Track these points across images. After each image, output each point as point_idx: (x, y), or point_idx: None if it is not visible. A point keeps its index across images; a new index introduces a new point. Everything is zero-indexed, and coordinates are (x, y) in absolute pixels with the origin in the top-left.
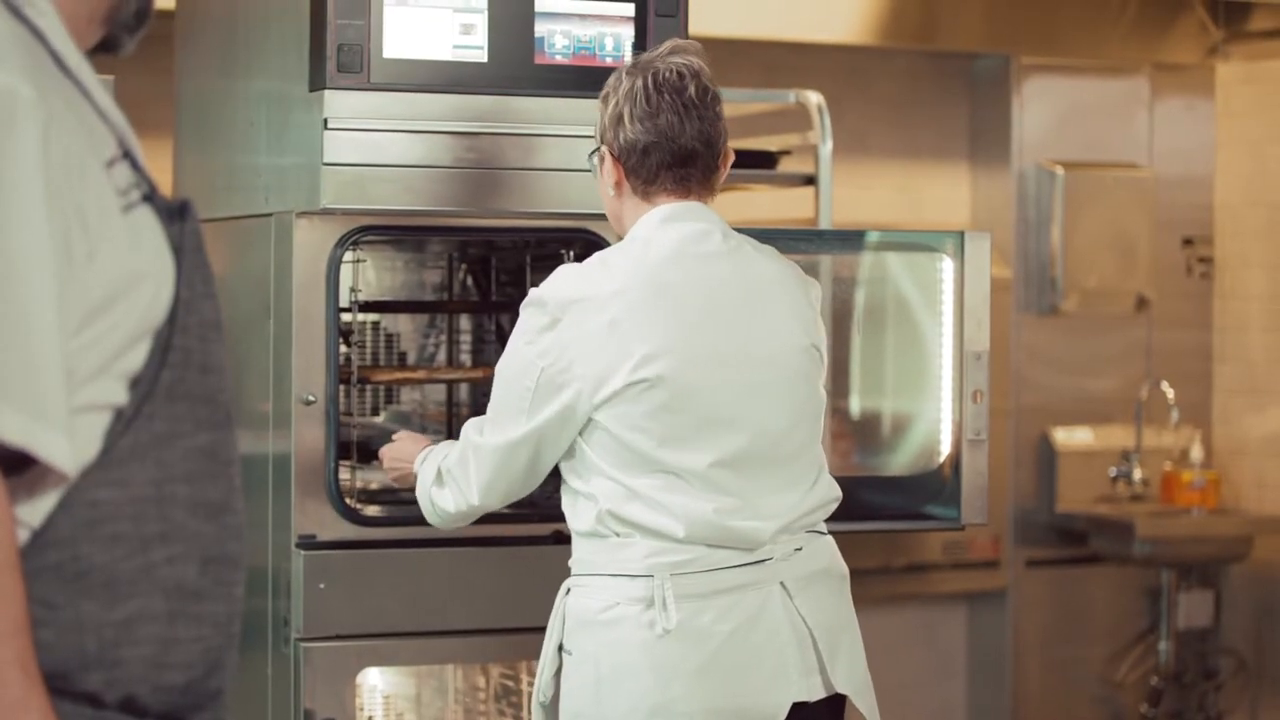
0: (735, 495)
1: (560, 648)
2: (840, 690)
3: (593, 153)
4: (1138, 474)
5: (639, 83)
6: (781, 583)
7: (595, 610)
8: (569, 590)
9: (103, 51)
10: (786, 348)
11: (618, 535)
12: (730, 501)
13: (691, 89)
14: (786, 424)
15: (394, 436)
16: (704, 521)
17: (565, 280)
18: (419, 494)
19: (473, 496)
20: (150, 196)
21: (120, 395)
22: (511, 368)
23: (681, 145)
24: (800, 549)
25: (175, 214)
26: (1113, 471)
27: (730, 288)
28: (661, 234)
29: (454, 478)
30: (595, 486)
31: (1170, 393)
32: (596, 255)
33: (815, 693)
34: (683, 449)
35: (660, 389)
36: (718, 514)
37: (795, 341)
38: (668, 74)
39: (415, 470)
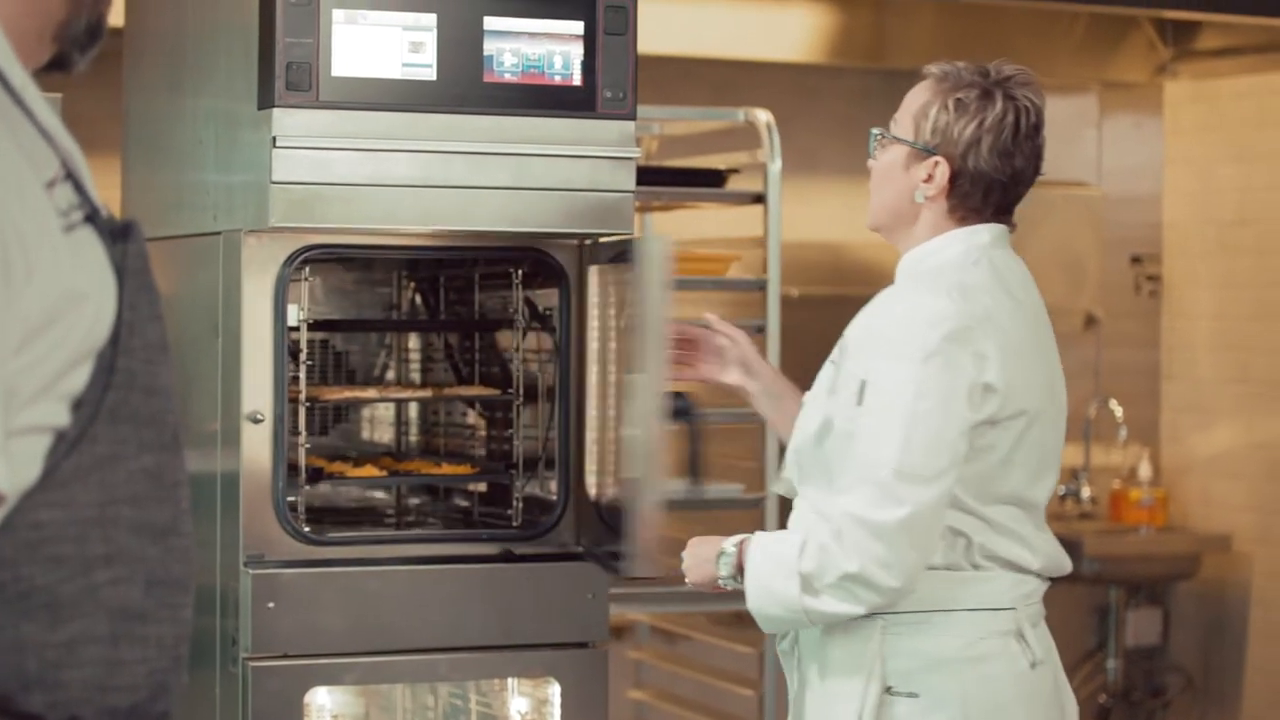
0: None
1: (888, 690)
2: None
3: (900, 140)
4: (1086, 492)
5: (1009, 117)
6: None
7: (957, 648)
8: (885, 629)
9: (55, 69)
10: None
11: (976, 569)
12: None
13: (1040, 134)
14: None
15: (690, 542)
16: (1051, 553)
17: (949, 302)
18: (769, 610)
19: (909, 577)
20: (93, 217)
21: (62, 417)
22: (929, 397)
23: (1020, 192)
24: None
25: (118, 235)
26: (1061, 489)
27: (1042, 318)
28: (999, 257)
29: (869, 577)
30: (953, 518)
31: (1118, 411)
32: (947, 276)
33: None
34: (1033, 481)
35: (1023, 419)
36: (1052, 544)
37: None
38: (1027, 113)
39: (720, 575)
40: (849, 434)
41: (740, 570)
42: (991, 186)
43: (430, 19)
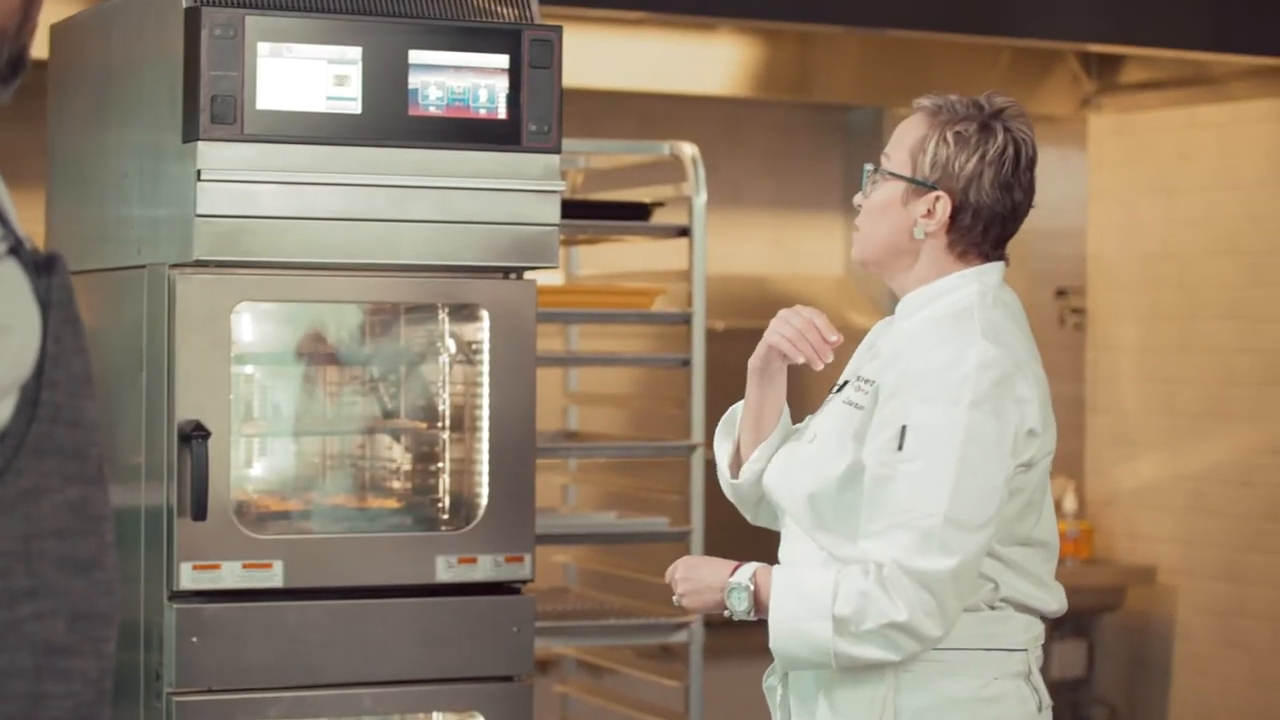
0: None
1: None
2: None
3: (897, 176)
4: None
5: (1009, 150)
6: None
7: (974, 688)
8: (899, 669)
9: None
10: None
11: (992, 609)
12: None
13: (1034, 166)
14: None
15: (683, 563)
16: (1061, 596)
17: (994, 348)
18: (793, 651)
19: (951, 625)
20: (17, 250)
21: None
22: (980, 444)
23: (1017, 226)
24: None
25: (43, 268)
26: None
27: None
28: (1006, 296)
29: (916, 626)
30: (983, 563)
31: None
32: (975, 318)
33: None
34: (1045, 520)
35: (1048, 459)
36: (1060, 586)
37: None
38: (1025, 145)
39: (736, 610)
40: (884, 479)
41: (757, 605)
42: (992, 220)
43: (355, 52)
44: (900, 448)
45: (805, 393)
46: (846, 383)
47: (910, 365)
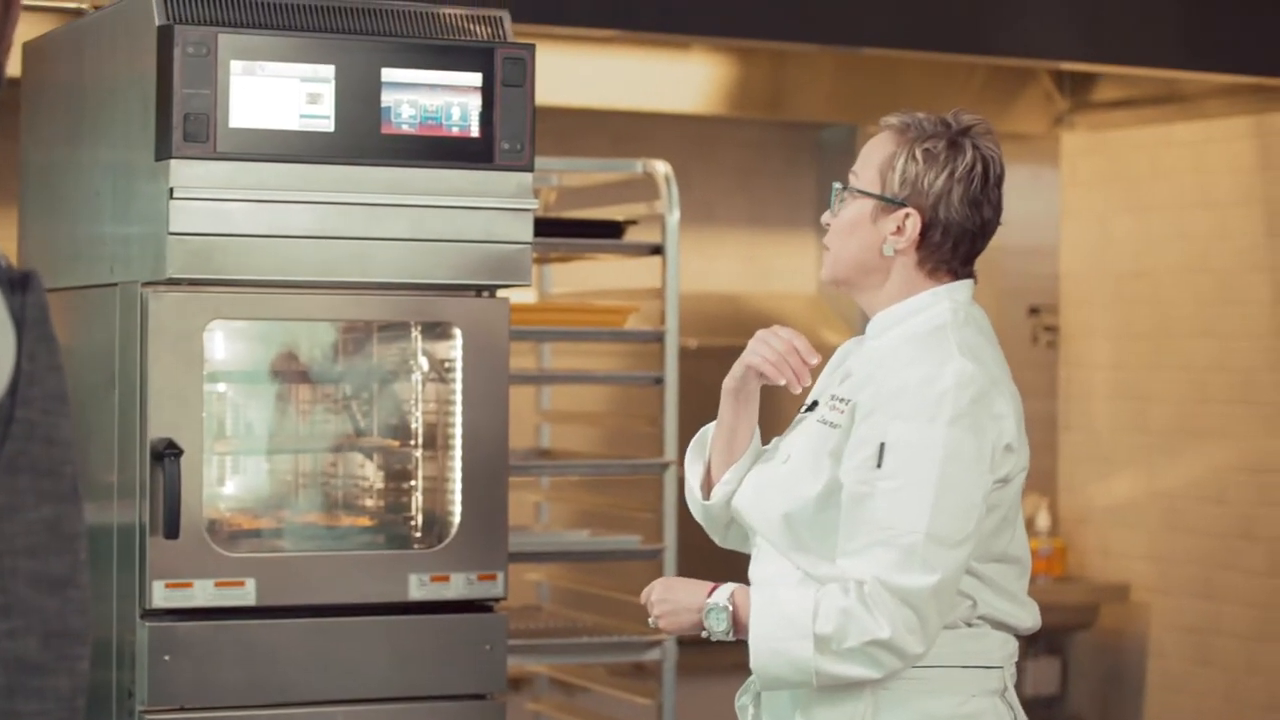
0: None
1: None
2: None
3: (866, 193)
4: None
5: (978, 167)
6: None
7: (952, 705)
8: (876, 687)
9: None
10: None
11: (970, 626)
12: None
13: (1002, 184)
14: None
15: (659, 585)
16: (1036, 612)
17: (971, 364)
18: (775, 670)
19: (932, 642)
20: None
21: None
22: (959, 461)
23: (985, 243)
24: None
25: (18, 285)
26: None
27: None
28: (976, 314)
29: (899, 643)
30: (961, 580)
31: None
32: (950, 335)
33: None
34: (1019, 537)
35: (1023, 474)
36: (1034, 603)
37: None
38: (994, 162)
39: (714, 630)
40: (863, 497)
41: (736, 625)
42: (962, 237)
43: (328, 70)
44: (879, 465)
45: (775, 413)
46: (816, 402)
47: (886, 383)
